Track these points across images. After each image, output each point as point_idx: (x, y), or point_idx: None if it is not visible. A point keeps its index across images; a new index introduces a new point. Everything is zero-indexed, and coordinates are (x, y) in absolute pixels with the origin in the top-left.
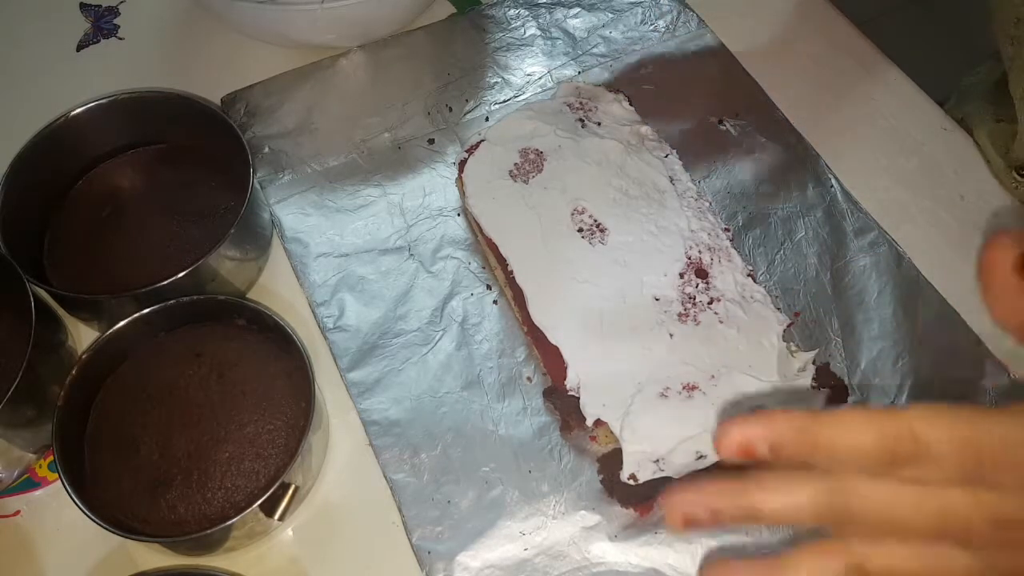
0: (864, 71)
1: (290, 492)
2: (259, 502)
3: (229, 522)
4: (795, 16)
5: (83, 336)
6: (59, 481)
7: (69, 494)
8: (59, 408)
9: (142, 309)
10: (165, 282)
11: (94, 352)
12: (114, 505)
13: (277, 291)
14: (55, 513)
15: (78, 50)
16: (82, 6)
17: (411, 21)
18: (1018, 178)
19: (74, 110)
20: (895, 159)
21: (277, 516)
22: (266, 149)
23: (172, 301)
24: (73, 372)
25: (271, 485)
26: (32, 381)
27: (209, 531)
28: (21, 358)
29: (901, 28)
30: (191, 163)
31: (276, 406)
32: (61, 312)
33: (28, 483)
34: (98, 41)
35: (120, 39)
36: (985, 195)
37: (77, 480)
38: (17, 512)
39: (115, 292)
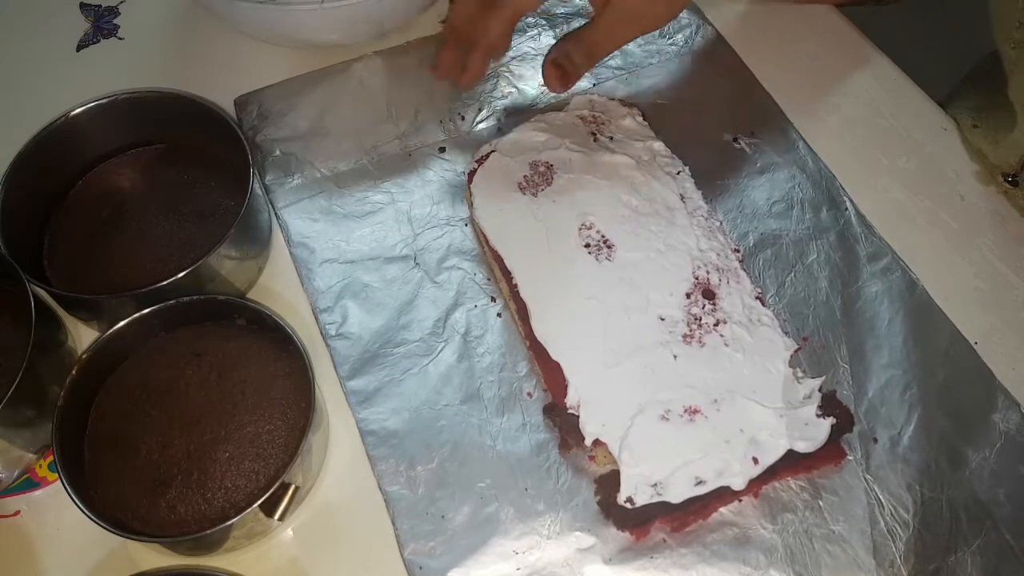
0: (876, 83)
1: (290, 492)
2: (259, 502)
3: (229, 522)
4: (817, 36)
5: (83, 336)
6: (59, 481)
7: (69, 494)
8: (59, 408)
9: (142, 309)
10: (165, 282)
11: (94, 352)
12: (114, 505)
13: (278, 291)
14: (55, 513)
15: (78, 50)
16: (82, 6)
17: (413, 19)
18: (1005, 184)
19: (74, 110)
20: (895, 159)
21: (277, 516)
22: (277, 152)
23: (172, 301)
24: (73, 372)
25: (271, 485)
26: (32, 381)
27: (209, 531)
28: (21, 358)
29: (901, 27)
30: (191, 163)
31: (276, 406)
32: (61, 312)
33: (28, 483)
34: (98, 41)
35: (120, 39)
36: (985, 195)
37: (77, 480)
38: (17, 512)
39: (115, 292)
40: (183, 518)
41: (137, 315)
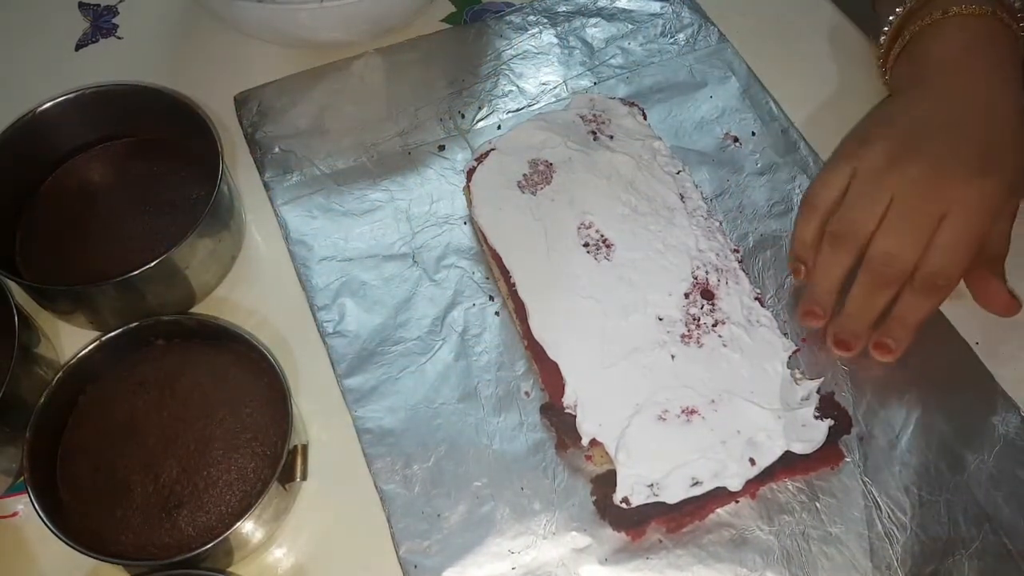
0: (878, 83)
1: (300, 452)
2: (276, 474)
3: (258, 502)
4: (819, 37)
5: (64, 345)
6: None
7: (72, 545)
8: (24, 456)
9: (118, 298)
10: (136, 272)
11: (55, 390)
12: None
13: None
14: None
15: (77, 49)
16: (81, 5)
17: (413, 18)
18: None
19: (41, 105)
20: None
21: (299, 478)
22: (276, 149)
23: (122, 328)
24: (33, 419)
25: (278, 460)
26: (17, 391)
27: (232, 529)
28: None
29: None
30: (161, 155)
31: (245, 404)
32: (43, 330)
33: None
34: (97, 40)
35: (119, 38)
36: None
37: (53, 512)
38: (15, 513)
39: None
40: (200, 530)
41: (97, 342)
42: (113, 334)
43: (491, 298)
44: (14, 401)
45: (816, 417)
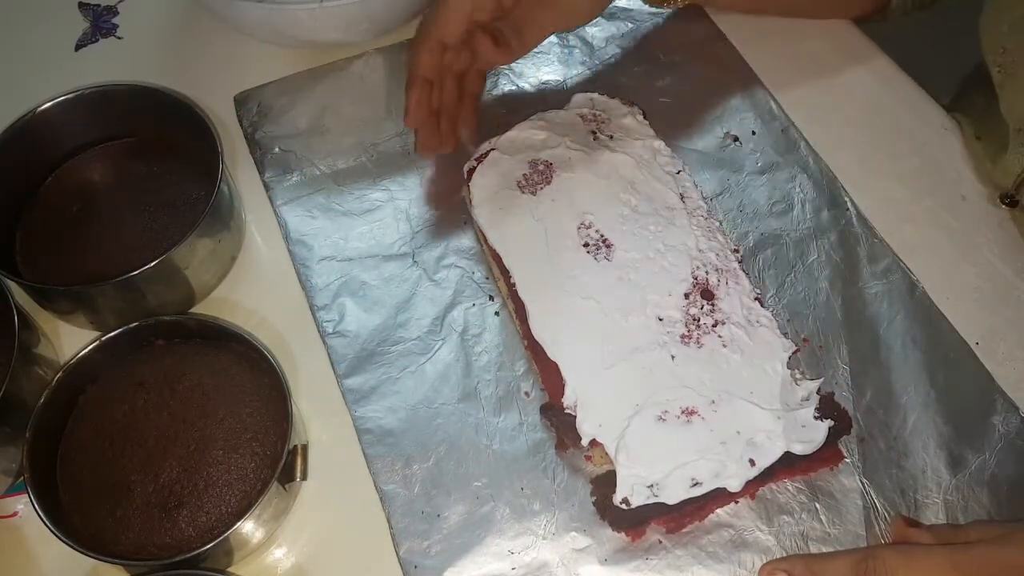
0: (877, 82)
1: (300, 452)
2: (276, 474)
3: (258, 501)
4: (819, 36)
5: (64, 345)
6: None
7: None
8: (25, 455)
9: (117, 298)
10: (136, 272)
11: (55, 390)
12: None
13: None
14: None
15: (76, 49)
16: (81, 5)
17: (413, 18)
18: (1003, 204)
19: (41, 105)
20: (896, 159)
21: (299, 477)
22: (276, 149)
23: (120, 329)
24: (33, 419)
25: (278, 459)
26: (17, 391)
27: (231, 528)
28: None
29: (904, 29)
30: (160, 155)
31: (245, 404)
32: (43, 330)
33: (25, 484)
34: (96, 40)
35: (119, 38)
36: (986, 195)
37: (53, 512)
38: (15, 513)
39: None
40: (200, 530)
41: (98, 342)
42: (113, 334)
43: (491, 298)
44: (14, 401)
45: (816, 418)
